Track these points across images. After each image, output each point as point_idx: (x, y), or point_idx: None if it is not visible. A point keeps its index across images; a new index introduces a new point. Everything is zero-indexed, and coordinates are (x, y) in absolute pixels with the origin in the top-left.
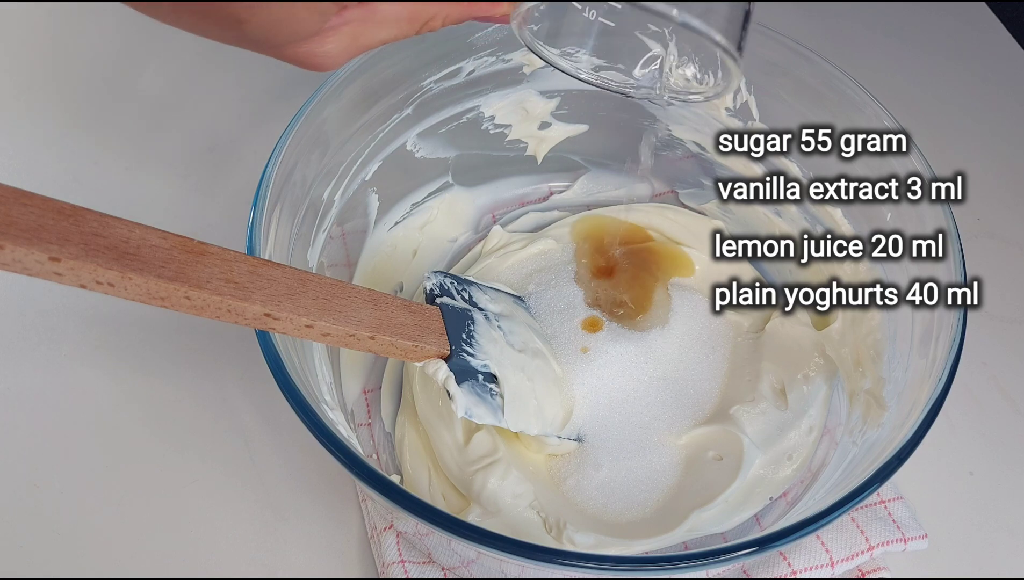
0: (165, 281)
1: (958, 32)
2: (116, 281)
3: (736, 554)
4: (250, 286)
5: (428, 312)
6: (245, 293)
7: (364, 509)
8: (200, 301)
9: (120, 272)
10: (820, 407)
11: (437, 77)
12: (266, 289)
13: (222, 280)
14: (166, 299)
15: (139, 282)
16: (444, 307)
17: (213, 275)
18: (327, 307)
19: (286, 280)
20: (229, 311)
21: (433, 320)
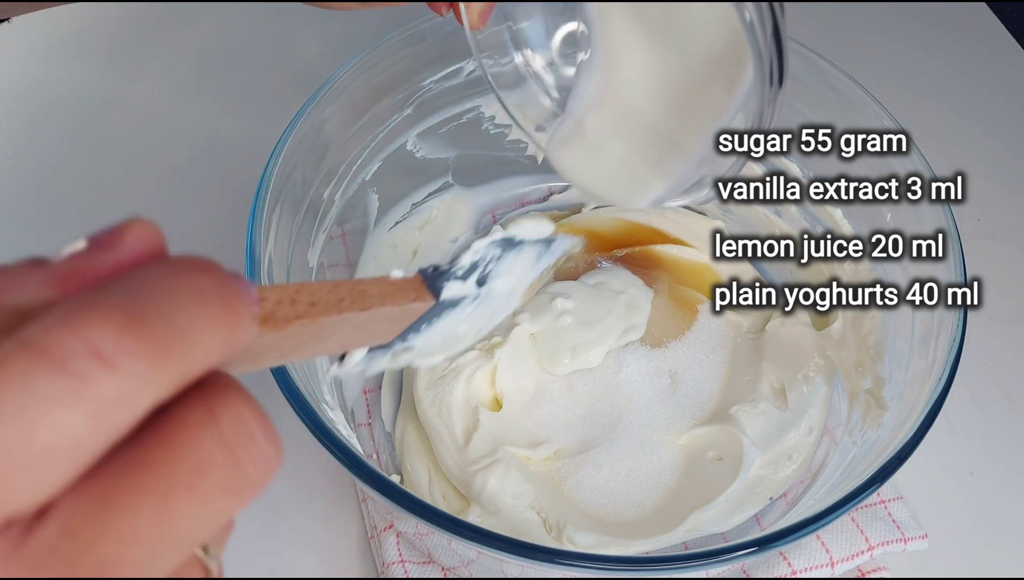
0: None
1: (958, 32)
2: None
3: (736, 554)
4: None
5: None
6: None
7: (364, 509)
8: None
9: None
10: (820, 407)
11: (437, 77)
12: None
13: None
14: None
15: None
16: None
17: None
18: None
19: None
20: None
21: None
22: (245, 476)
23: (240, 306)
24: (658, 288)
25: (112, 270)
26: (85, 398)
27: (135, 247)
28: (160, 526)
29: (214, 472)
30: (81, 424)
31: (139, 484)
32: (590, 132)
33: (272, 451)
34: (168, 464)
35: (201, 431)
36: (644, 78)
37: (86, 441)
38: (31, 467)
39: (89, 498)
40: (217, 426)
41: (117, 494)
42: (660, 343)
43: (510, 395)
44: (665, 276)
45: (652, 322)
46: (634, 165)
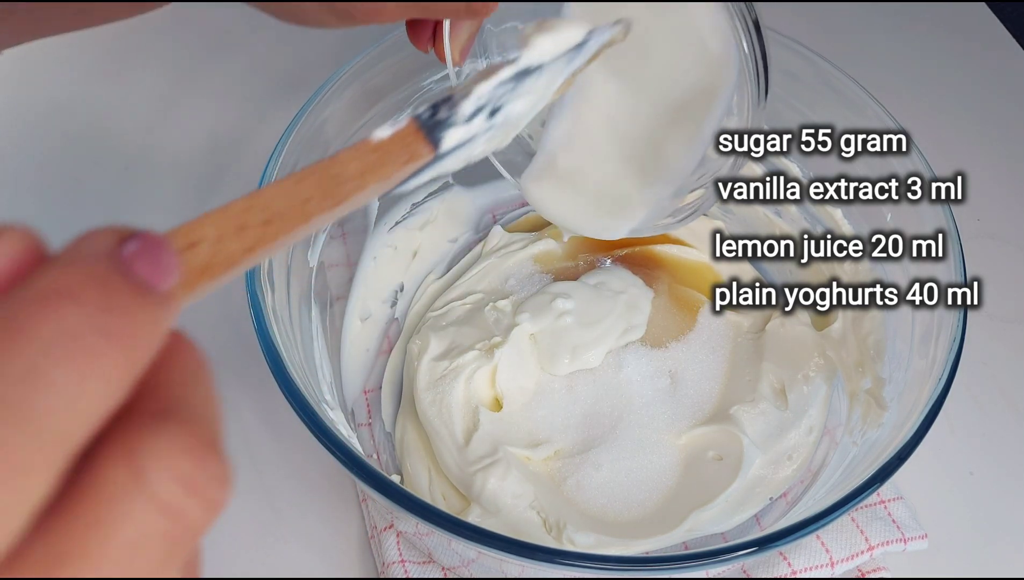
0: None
1: (958, 32)
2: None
3: (736, 554)
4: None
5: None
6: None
7: (364, 509)
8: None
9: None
10: (820, 407)
11: (437, 77)
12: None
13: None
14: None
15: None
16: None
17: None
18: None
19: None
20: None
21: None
22: (188, 529)
23: (135, 321)
24: (658, 288)
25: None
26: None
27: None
28: None
29: (152, 541)
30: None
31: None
32: (562, 168)
33: (217, 488)
34: (97, 552)
35: (130, 501)
36: (613, 115)
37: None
38: None
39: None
40: (147, 489)
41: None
42: (660, 343)
43: (510, 395)
44: (665, 276)
45: (652, 322)
46: (605, 200)
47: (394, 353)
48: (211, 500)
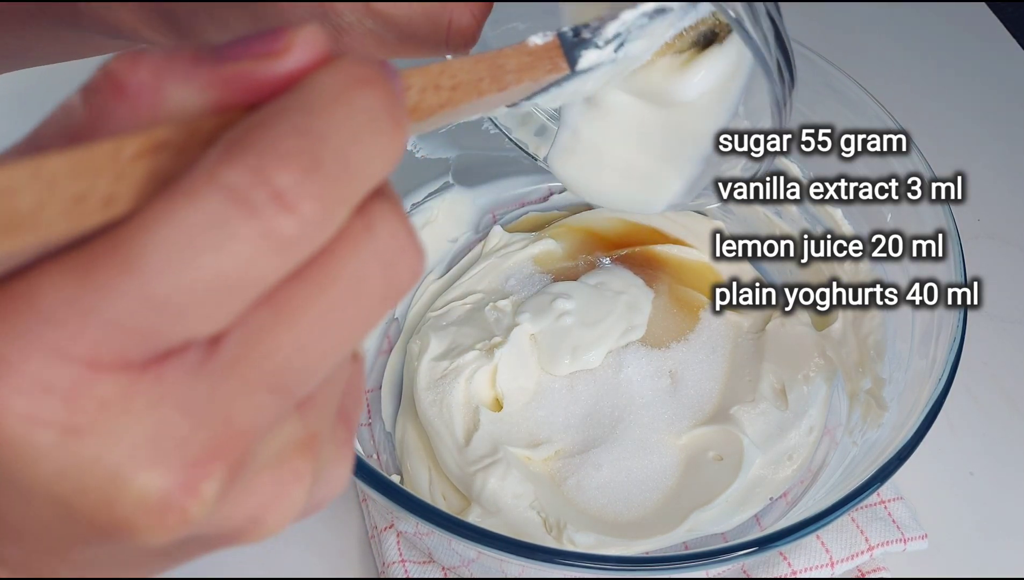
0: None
1: (958, 32)
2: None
3: (736, 554)
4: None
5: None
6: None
7: (364, 509)
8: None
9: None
10: (820, 407)
11: None
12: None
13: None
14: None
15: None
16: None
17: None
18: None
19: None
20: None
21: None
22: (398, 284)
23: (405, 121)
24: (659, 288)
25: (280, 82)
26: (271, 238)
27: (303, 59)
28: (328, 333)
29: (372, 283)
30: (267, 260)
31: (308, 297)
32: (587, 139)
33: (419, 260)
34: (333, 277)
35: (361, 244)
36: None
37: (267, 275)
38: (218, 297)
39: (264, 315)
40: (374, 241)
41: (290, 309)
42: (660, 343)
43: (510, 395)
44: (666, 276)
45: (652, 322)
46: (639, 169)
47: (394, 353)
48: (415, 268)
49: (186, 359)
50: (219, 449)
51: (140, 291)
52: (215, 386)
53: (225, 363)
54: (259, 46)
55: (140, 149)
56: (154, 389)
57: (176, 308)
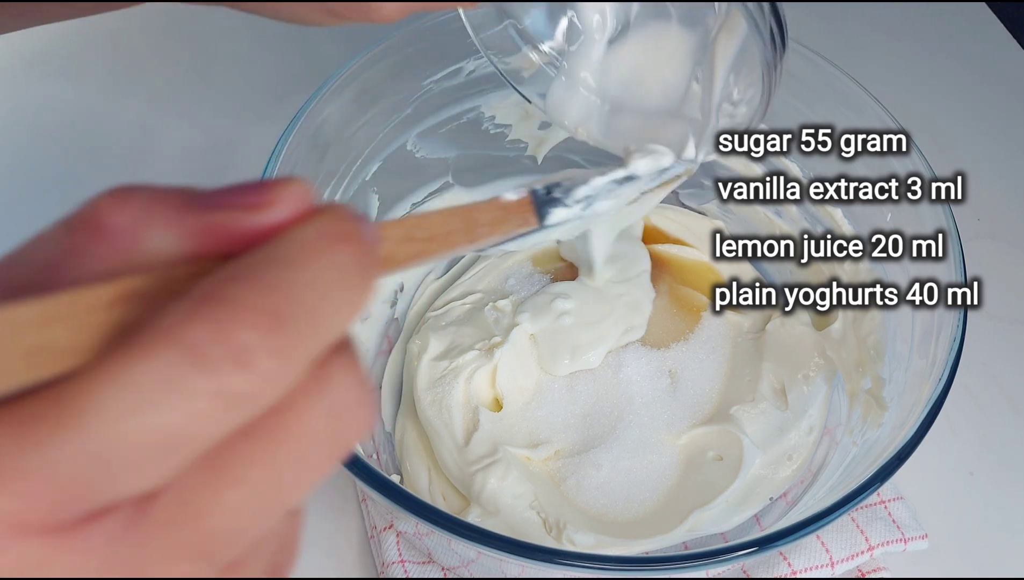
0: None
1: (958, 32)
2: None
3: (736, 554)
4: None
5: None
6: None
7: (364, 509)
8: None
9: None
10: (820, 407)
11: (437, 77)
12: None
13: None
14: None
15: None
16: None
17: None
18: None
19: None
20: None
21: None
22: (344, 440)
23: (373, 276)
24: (659, 288)
25: (258, 235)
26: (222, 396)
27: (287, 214)
28: (266, 495)
29: (320, 440)
30: (212, 418)
31: (249, 457)
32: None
33: (369, 414)
34: (277, 435)
35: (313, 402)
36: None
37: (212, 433)
38: (157, 454)
39: (203, 472)
40: (328, 395)
41: (229, 469)
42: (660, 343)
43: (510, 395)
44: (666, 276)
45: (652, 322)
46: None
47: (394, 353)
48: (364, 423)
49: (114, 520)
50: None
51: (79, 447)
52: (139, 551)
53: (153, 526)
54: (245, 197)
55: (108, 299)
56: (76, 555)
57: (115, 466)
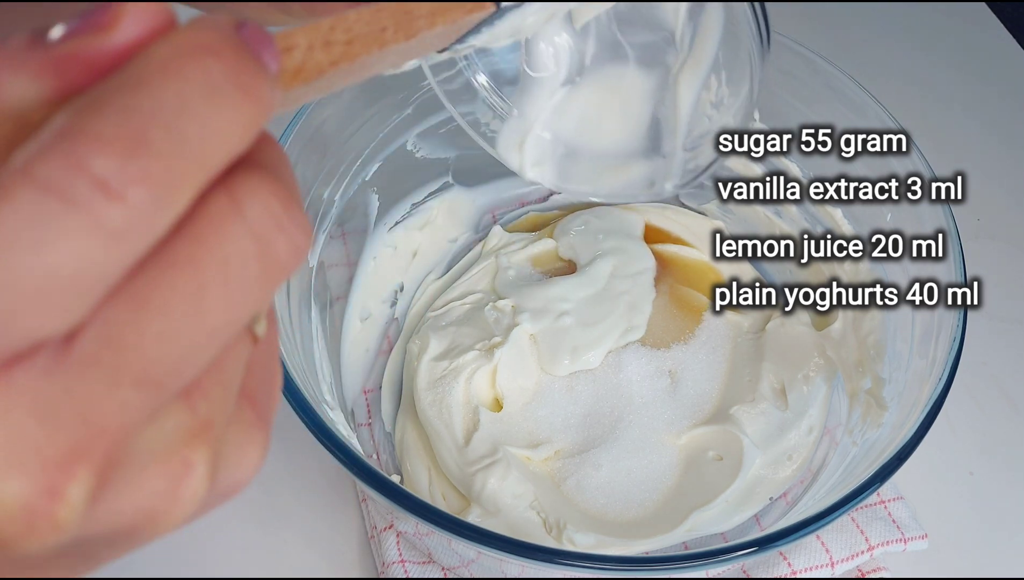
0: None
1: (958, 32)
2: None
3: (736, 554)
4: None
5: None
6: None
7: (364, 509)
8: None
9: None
10: (820, 407)
11: (438, 78)
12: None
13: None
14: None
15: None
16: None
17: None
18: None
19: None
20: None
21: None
22: (276, 261)
23: (261, 85)
24: (659, 288)
25: (116, 58)
26: (100, 229)
27: (138, 30)
28: (197, 321)
29: (245, 262)
30: (102, 253)
31: (171, 284)
32: (567, 142)
33: (300, 234)
34: (197, 261)
35: (227, 223)
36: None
37: (108, 268)
38: (59, 295)
39: (123, 307)
40: (242, 216)
41: (150, 298)
42: (660, 343)
43: (510, 395)
44: (666, 276)
45: (653, 322)
46: (621, 158)
47: (394, 353)
48: (296, 244)
49: (37, 362)
50: (81, 450)
51: None
52: (70, 386)
53: (80, 361)
54: (91, 21)
55: None
56: (2, 397)
57: (10, 309)
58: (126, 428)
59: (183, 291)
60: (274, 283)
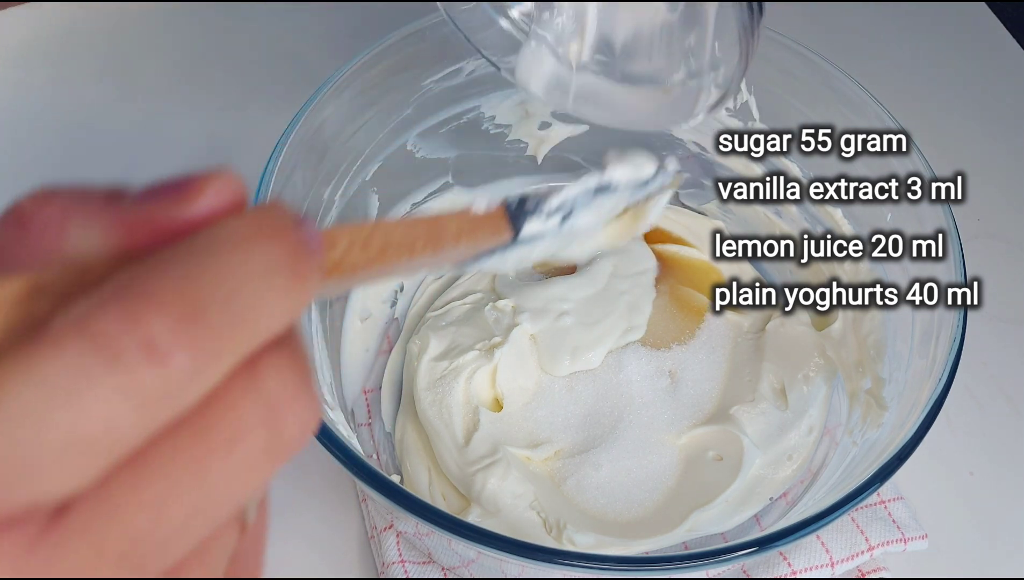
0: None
1: (958, 32)
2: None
3: (736, 554)
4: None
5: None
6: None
7: (364, 509)
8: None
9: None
10: (820, 407)
11: (437, 77)
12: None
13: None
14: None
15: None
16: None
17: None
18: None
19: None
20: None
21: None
22: (283, 440)
23: (310, 274)
24: (659, 289)
25: (186, 227)
26: (136, 392)
27: (214, 203)
28: (195, 493)
29: (252, 436)
30: (130, 417)
31: (175, 450)
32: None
33: (311, 412)
34: (205, 430)
35: (242, 394)
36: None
37: (132, 432)
38: (75, 456)
39: (124, 472)
40: (258, 389)
41: (152, 462)
42: (660, 343)
43: (510, 395)
44: (667, 276)
45: (652, 322)
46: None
47: (394, 353)
48: (304, 421)
49: (26, 529)
50: None
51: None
52: (56, 557)
53: (70, 531)
54: (171, 189)
55: (21, 293)
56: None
57: (24, 468)
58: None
59: (187, 459)
60: (277, 462)
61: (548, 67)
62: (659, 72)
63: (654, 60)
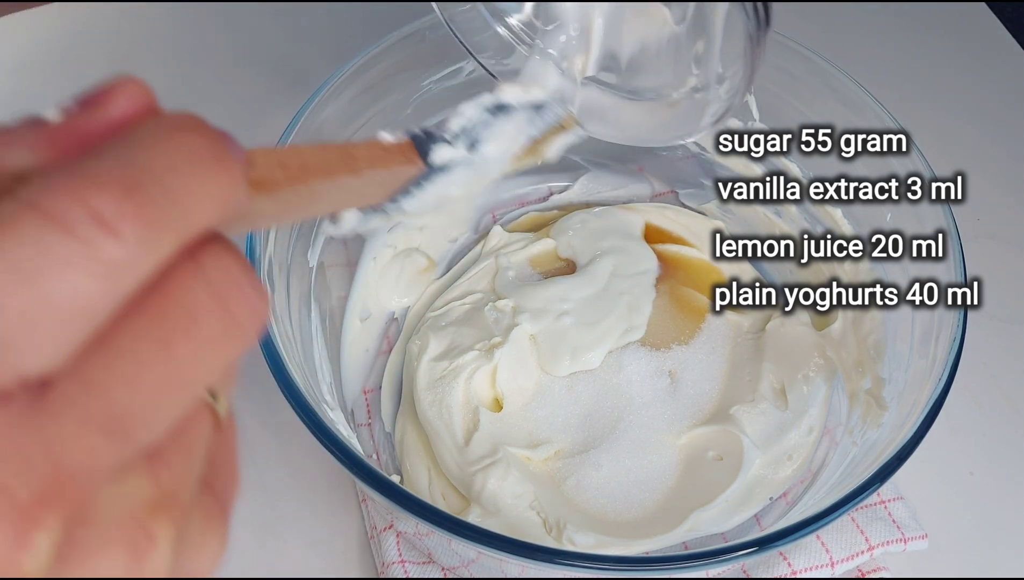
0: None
1: (958, 32)
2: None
3: (736, 554)
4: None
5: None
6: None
7: (364, 509)
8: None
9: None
10: (820, 407)
11: (437, 77)
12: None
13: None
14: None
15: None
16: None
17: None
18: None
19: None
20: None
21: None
22: (236, 321)
23: (232, 165)
24: (659, 289)
25: (105, 130)
26: (95, 262)
27: (126, 106)
28: (163, 369)
29: (206, 317)
30: (93, 286)
31: (139, 332)
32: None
33: (258, 298)
34: (163, 312)
35: (189, 280)
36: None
37: (98, 303)
38: (50, 327)
39: (97, 350)
40: (204, 274)
41: (120, 343)
42: (660, 344)
43: (510, 395)
44: (667, 277)
45: (653, 323)
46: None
47: (394, 353)
48: (254, 306)
49: (14, 403)
50: (50, 497)
51: None
52: (43, 428)
53: (55, 403)
54: (85, 103)
55: None
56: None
57: (2, 343)
58: (93, 477)
59: (151, 339)
60: (235, 345)
61: (552, 81)
62: (665, 86)
63: (660, 74)
